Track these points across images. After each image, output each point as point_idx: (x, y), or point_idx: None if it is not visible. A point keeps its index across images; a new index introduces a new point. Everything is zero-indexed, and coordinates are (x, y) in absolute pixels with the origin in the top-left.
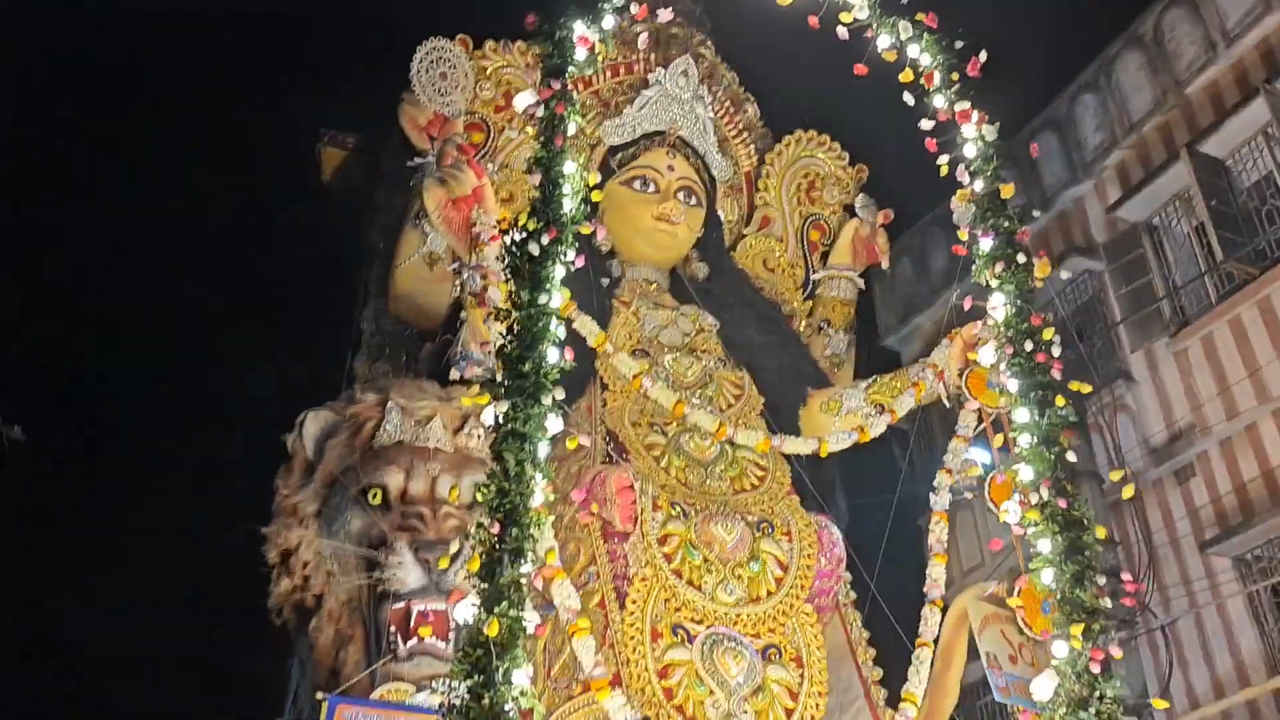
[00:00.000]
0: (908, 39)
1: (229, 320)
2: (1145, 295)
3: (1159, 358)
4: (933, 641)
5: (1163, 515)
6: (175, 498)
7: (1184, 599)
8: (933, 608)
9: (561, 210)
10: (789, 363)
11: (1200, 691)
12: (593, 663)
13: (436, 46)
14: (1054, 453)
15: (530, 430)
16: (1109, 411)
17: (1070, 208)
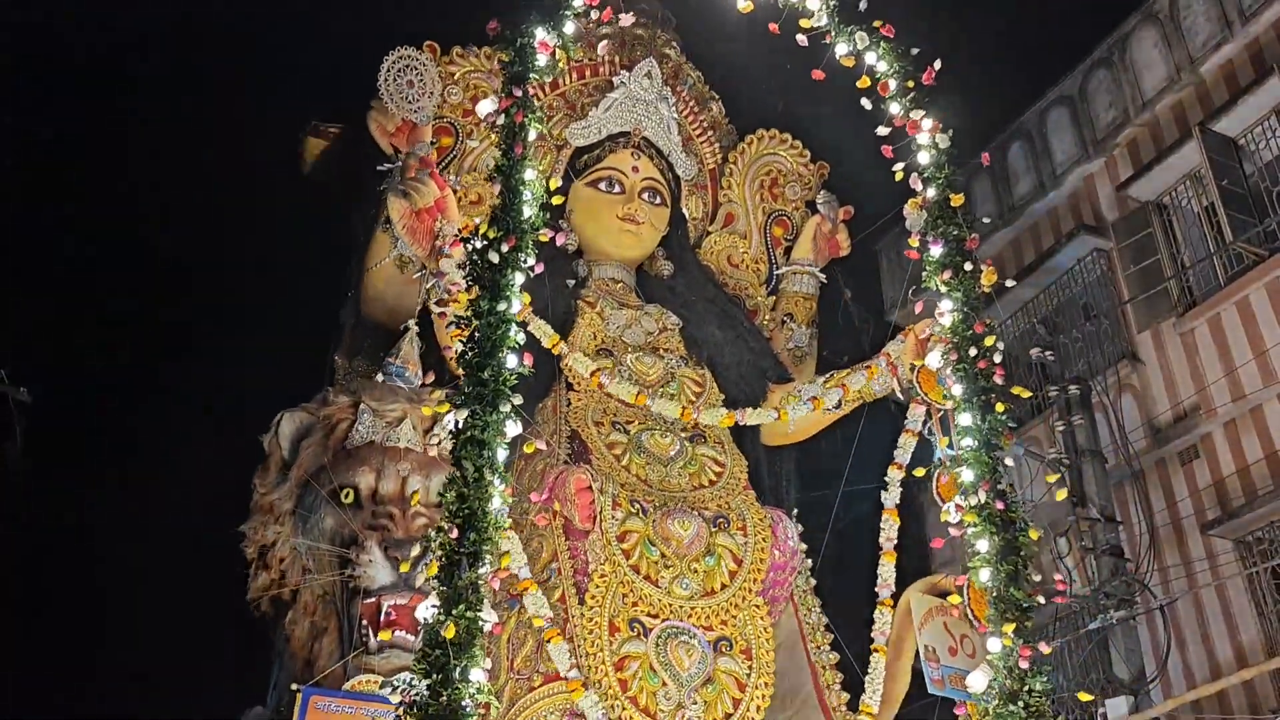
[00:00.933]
0: (864, 48)
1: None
2: (1154, 275)
3: (1166, 338)
4: (885, 644)
5: (1165, 495)
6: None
7: (1184, 580)
8: (882, 608)
9: (521, 218)
10: (749, 359)
11: (1197, 671)
12: (568, 665)
13: (403, 55)
14: (993, 457)
15: (489, 437)
16: (1114, 391)
17: (1080, 185)
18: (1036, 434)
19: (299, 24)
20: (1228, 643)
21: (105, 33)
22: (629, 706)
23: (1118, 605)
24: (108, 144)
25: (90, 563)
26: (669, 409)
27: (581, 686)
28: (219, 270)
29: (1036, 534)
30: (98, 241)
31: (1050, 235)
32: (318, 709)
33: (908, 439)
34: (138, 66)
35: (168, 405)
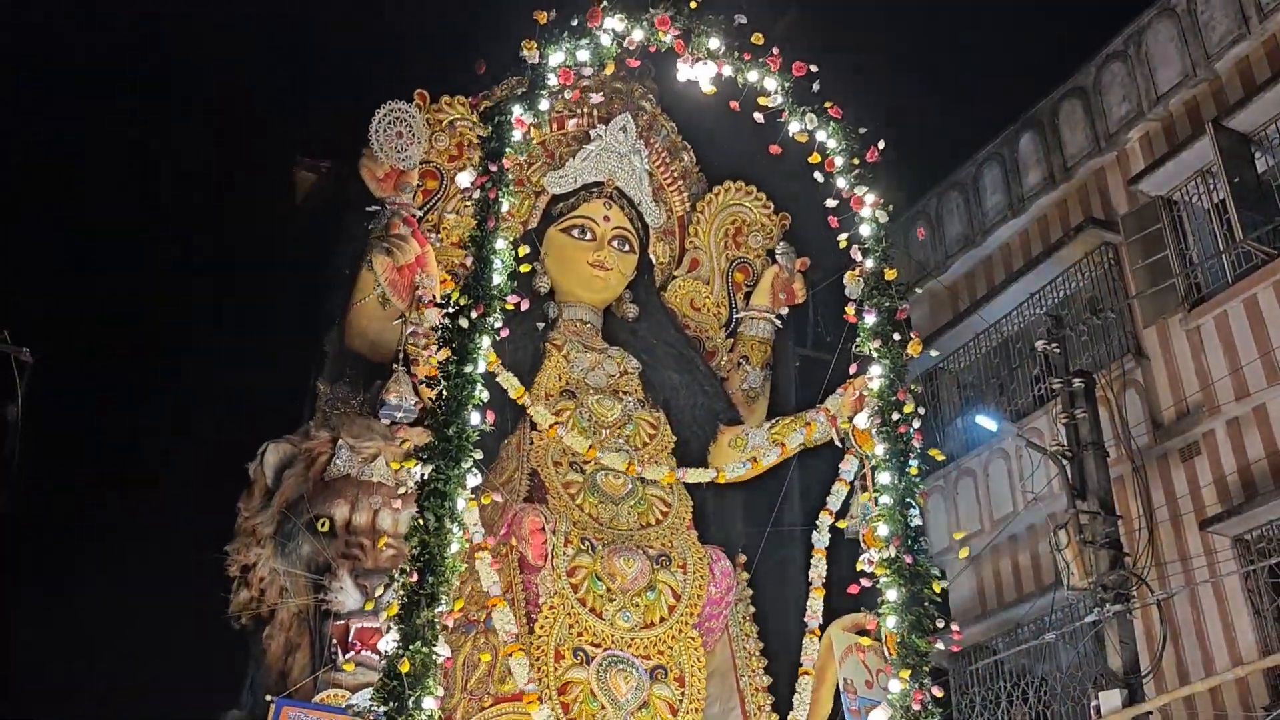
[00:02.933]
0: (814, 127)
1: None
2: (1161, 270)
3: (1171, 334)
4: (812, 668)
5: (1165, 491)
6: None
7: (1181, 575)
8: (811, 637)
9: (491, 285)
10: (703, 402)
11: (1191, 668)
12: (526, 679)
13: (394, 108)
14: (904, 515)
15: (450, 489)
16: (1118, 385)
17: (1090, 178)
18: (1039, 425)
19: (298, 64)
20: (1223, 639)
21: (114, 50)
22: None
23: (1114, 599)
24: (109, 146)
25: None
26: (617, 462)
27: (537, 700)
28: (214, 273)
29: (939, 587)
30: (101, 226)
31: (1059, 228)
32: (289, 718)
33: (840, 487)
34: (140, 80)
35: (167, 380)
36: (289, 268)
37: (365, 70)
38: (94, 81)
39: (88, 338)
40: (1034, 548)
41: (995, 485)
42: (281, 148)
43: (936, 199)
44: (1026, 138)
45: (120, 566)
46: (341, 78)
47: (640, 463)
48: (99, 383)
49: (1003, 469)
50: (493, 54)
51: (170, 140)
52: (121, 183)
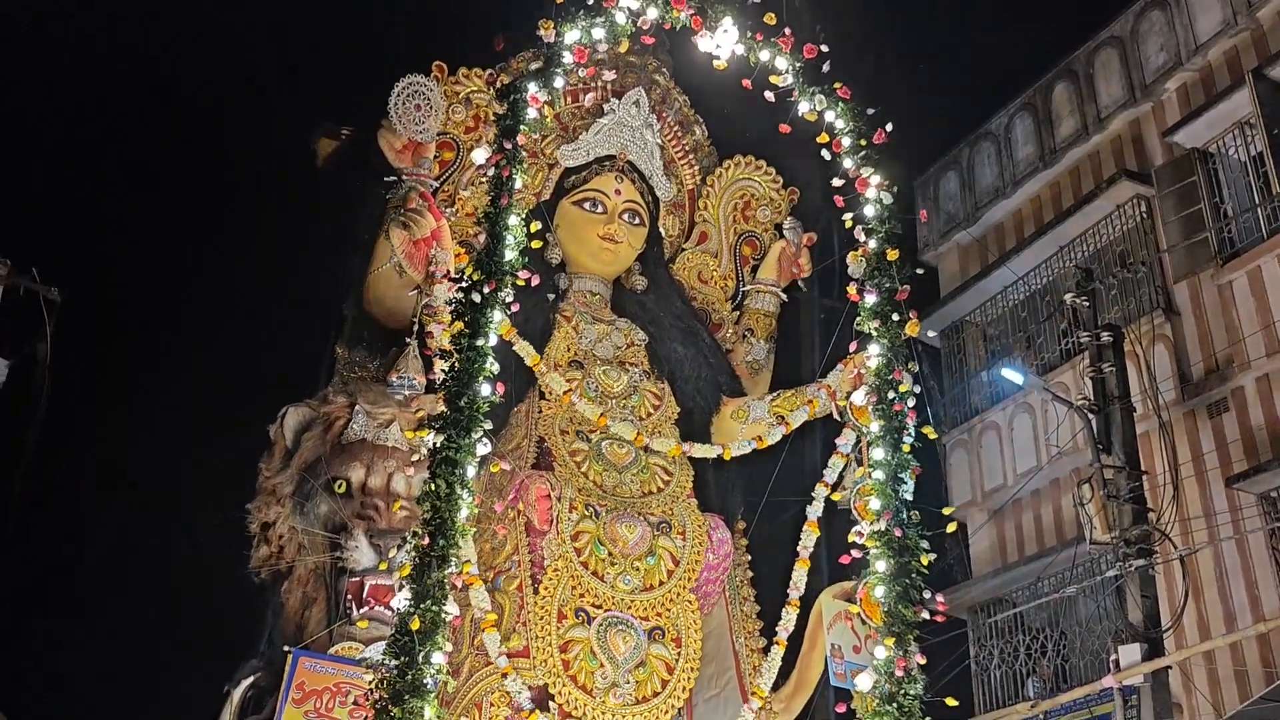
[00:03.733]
0: (824, 108)
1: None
2: (1194, 224)
3: (1203, 289)
4: (786, 638)
5: (1191, 447)
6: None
7: (1205, 532)
8: (789, 608)
9: (503, 261)
10: (707, 374)
11: (1212, 624)
12: (497, 652)
13: (412, 82)
14: (896, 490)
15: (461, 457)
16: (1147, 340)
17: (1125, 129)
18: (1065, 380)
19: (322, 32)
20: (1245, 597)
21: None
22: (569, 685)
23: (1137, 554)
24: (138, 99)
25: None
26: (626, 431)
27: (511, 669)
28: (235, 232)
29: (927, 559)
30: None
31: (1091, 179)
32: (306, 668)
33: (837, 460)
34: (170, 37)
35: (191, 319)
36: (309, 230)
37: (385, 40)
38: (124, 36)
39: (114, 282)
40: (1057, 502)
41: (1019, 439)
42: (304, 112)
43: (968, 149)
44: (1060, 88)
45: (142, 513)
46: (362, 47)
47: (647, 433)
48: (122, 325)
49: (1027, 423)
50: (510, 27)
51: (197, 98)
52: (150, 135)
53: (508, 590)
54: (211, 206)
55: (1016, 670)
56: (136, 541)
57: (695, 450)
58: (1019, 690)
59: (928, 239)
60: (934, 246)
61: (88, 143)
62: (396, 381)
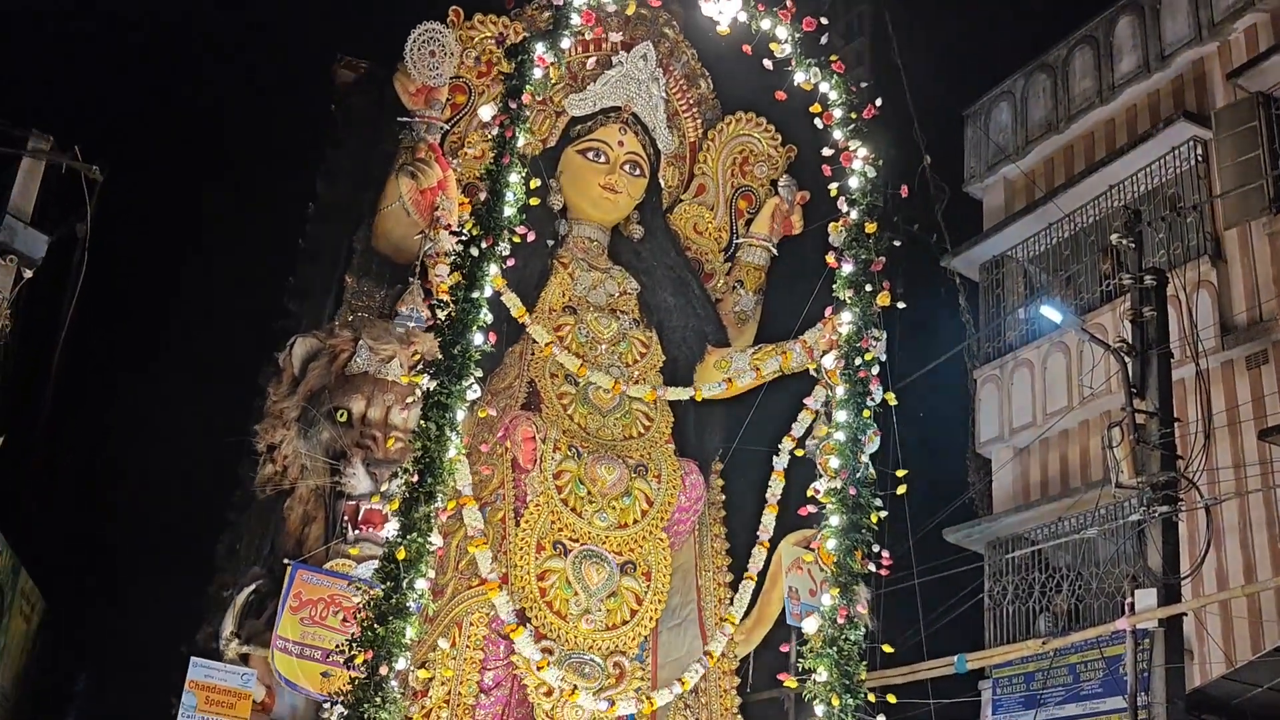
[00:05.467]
0: (819, 80)
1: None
2: (1250, 171)
3: (1253, 237)
4: (756, 574)
5: (1226, 397)
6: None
7: (1232, 483)
8: (759, 548)
9: (502, 218)
10: (694, 324)
11: (1231, 575)
12: (488, 569)
13: (428, 29)
14: (855, 451)
15: (452, 402)
16: (1190, 286)
17: (1188, 69)
18: (1103, 322)
19: None
20: (1268, 550)
21: None
22: (545, 610)
23: (1162, 500)
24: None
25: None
26: (604, 381)
27: (497, 588)
28: (253, 157)
29: (876, 517)
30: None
31: (1148, 118)
32: (303, 580)
33: (805, 416)
34: None
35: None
36: (326, 158)
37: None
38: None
39: (151, 164)
40: (1084, 444)
41: (1052, 378)
42: (325, 44)
43: (1023, 79)
44: (1124, 22)
45: (167, 394)
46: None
47: (627, 381)
48: (158, 208)
49: (1061, 363)
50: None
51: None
52: (186, 36)
53: (492, 521)
54: (240, 117)
55: (1030, 607)
56: (161, 421)
57: (669, 393)
58: (1031, 627)
59: (974, 169)
60: (980, 178)
61: (131, 36)
62: (405, 312)
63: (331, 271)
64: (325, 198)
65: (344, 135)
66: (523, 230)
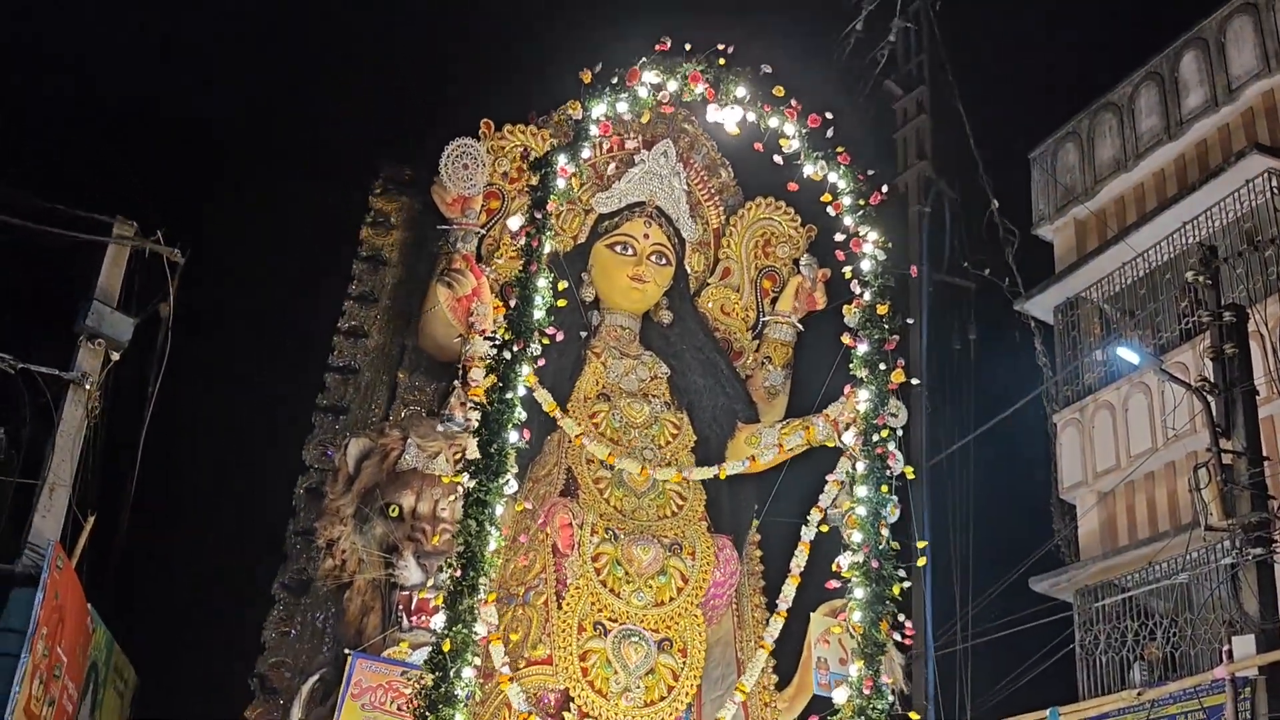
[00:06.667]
0: (826, 171)
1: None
2: None
3: None
4: (772, 643)
5: None
6: None
7: None
8: (777, 618)
9: (532, 322)
10: (724, 403)
11: None
12: (501, 662)
13: (461, 144)
14: (874, 525)
15: (491, 498)
16: (1272, 321)
17: (1257, 100)
18: (1184, 360)
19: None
20: None
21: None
22: (587, 689)
23: (1255, 542)
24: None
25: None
26: (632, 467)
27: (509, 681)
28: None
29: (898, 589)
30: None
31: (1219, 153)
32: (363, 668)
33: (832, 487)
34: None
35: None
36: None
37: (442, 94)
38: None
39: (227, 248)
40: (1171, 485)
41: (1134, 420)
42: (370, 149)
43: (1088, 119)
44: (1189, 57)
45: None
46: (419, 103)
47: (657, 464)
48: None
49: (1143, 403)
50: (547, 94)
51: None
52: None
53: (535, 604)
54: (294, 208)
55: (1123, 656)
56: (228, 502)
57: (694, 473)
58: (1125, 677)
59: (1043, 212)
60: (1049, 220)
61: (206, 128)
62: (447, 416)
63: (383, 369)
64: (378, 301)
65: (392, 239)
66: (551, 331)
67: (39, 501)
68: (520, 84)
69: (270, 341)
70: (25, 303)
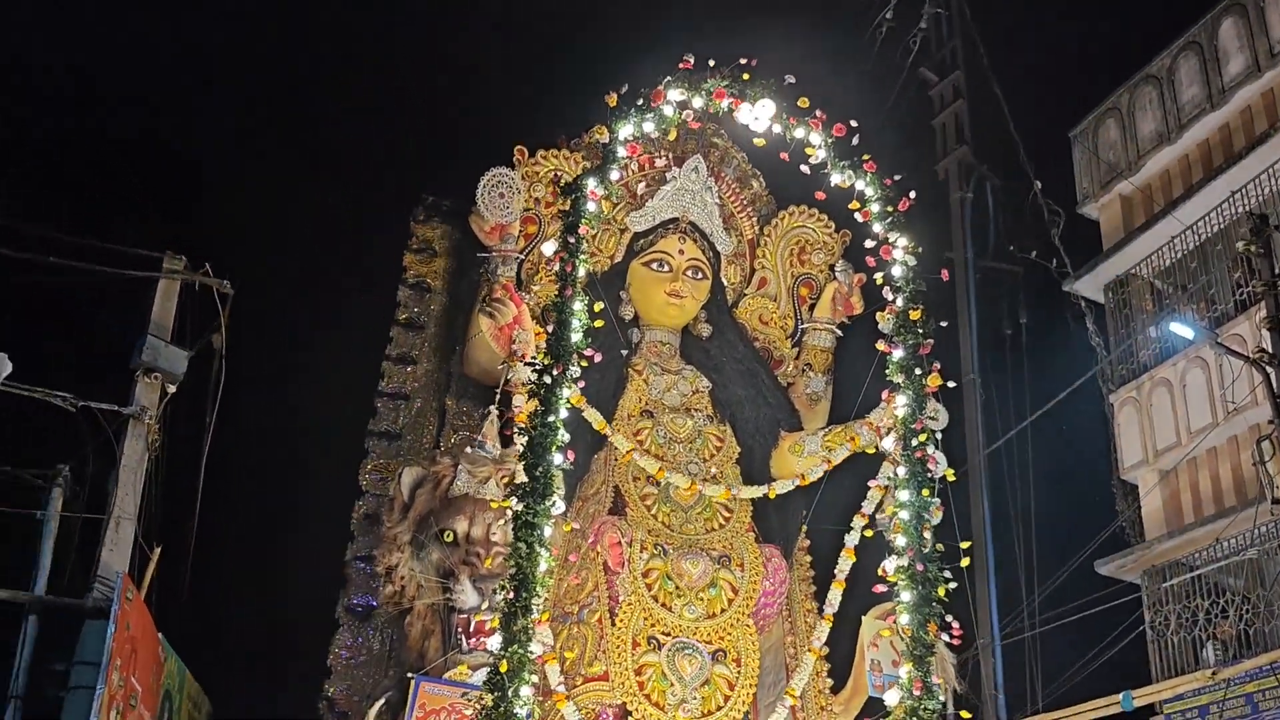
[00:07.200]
0: (852, 181)
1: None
2: None
3: None
4: (819, 647)
5: None
6: None
7: None
8: (824, 622)
9: (570, 345)
10: (766, 413)
11: None
12: (557, 682)
13: (496, 174)
14: (917, 529)
15: (539, 520)
16: None
17: None
18: (1240, 332)
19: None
20: None
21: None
22: (645, 702)
23: None
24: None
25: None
26: (681, 482)
27: (565, 699)
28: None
29: (943, 590)
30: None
31: (1264, 118)
32: (426, 691)
33: (875, 492)
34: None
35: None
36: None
37: (475, 122)
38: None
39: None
40: (1235, 460)
41: (1193, 395)
42: (410, 179)
43: (1128, 94)
44: (1228, 23)
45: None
46: (453, 129)
47: (704, 478)
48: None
49: (1201, 378)
50: (574, 120)
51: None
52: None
53: (590, 622)
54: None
55: (1195, 636)
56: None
57: (743, 493)
58: (1198, 657)
59: (1087, 190)
60: (1094, 198)
61: (247, 164)
62: (476, 445)
63: (432, 396)
64: (425, 328)
65: (435, 267)
66: (589, 353)
67: (105, 535)
68: (551, 107)
69: (317, 368)
70: (81, 341)
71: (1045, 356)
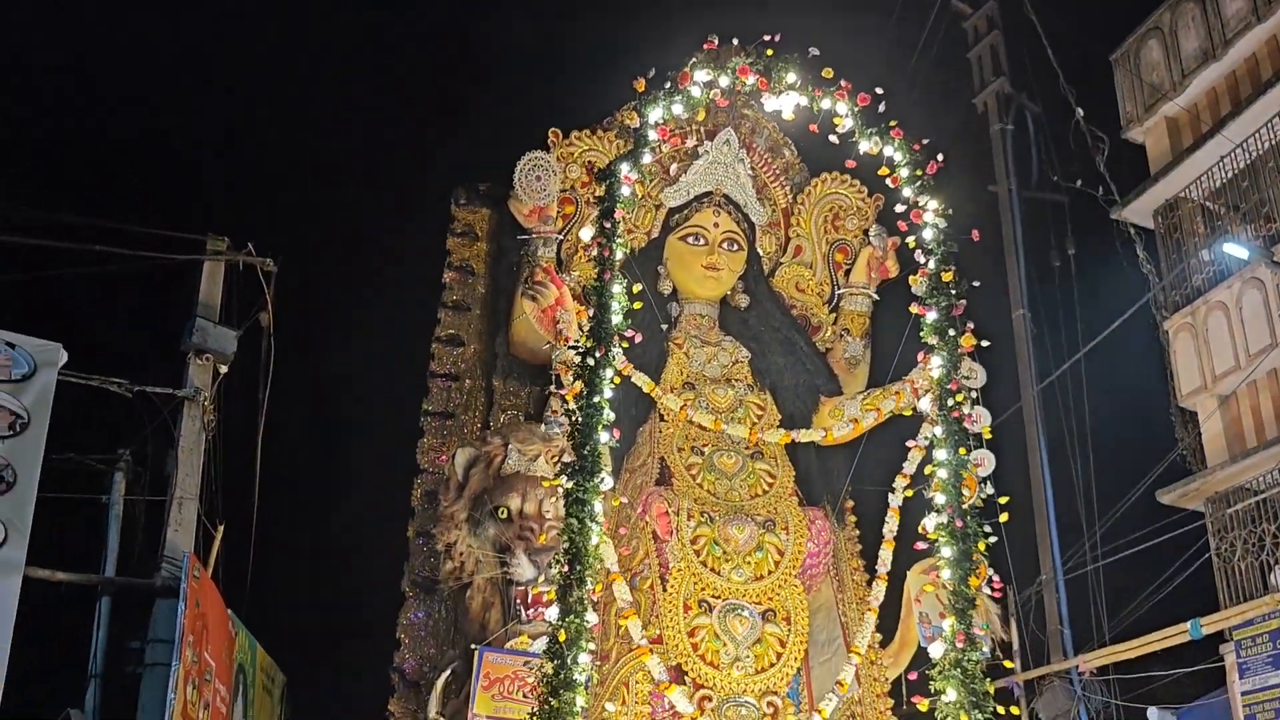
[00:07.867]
0: (880, 147)
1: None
2: None
3: None
4: (877, 606)
5: None
6: None
7: None
8: (879, 581)
9: (610, 327)
10: (805, 379)
11: None
12: (640, 636)
13: (532, 158)
14: (955, 487)
15: (588, 496)
16: None
17: None
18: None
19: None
20: None
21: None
22: (699, 662)
23: None
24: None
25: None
26: (739, 431)
27: (649, 652)
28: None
29: (983, 545)
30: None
31: (1269, 67)
32: (489, 661)
33: (916, 453)
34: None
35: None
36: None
37: (509, 108)
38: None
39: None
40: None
41: (1250, 317)
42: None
43: (1169, 12)
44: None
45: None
46: (489, 117)
47: (747, 451)
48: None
49: (1257, 299)
50: (609, 85)
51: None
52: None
53: (642, 589)
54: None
55: (1262, 561)
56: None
57: (801, 435)
58: (1266, 582)
59: (1131, 114)
60: (1139, 122)
61: (287, 146)
62: (547, 422)
63: (481, 376)
64: (471, 310)
65: (477, 250)
66: (630, 334)
67: (169, 516)
68: (582, 91)
69: (360, 346)
70: (131, 327)
71: (1096, 287)
